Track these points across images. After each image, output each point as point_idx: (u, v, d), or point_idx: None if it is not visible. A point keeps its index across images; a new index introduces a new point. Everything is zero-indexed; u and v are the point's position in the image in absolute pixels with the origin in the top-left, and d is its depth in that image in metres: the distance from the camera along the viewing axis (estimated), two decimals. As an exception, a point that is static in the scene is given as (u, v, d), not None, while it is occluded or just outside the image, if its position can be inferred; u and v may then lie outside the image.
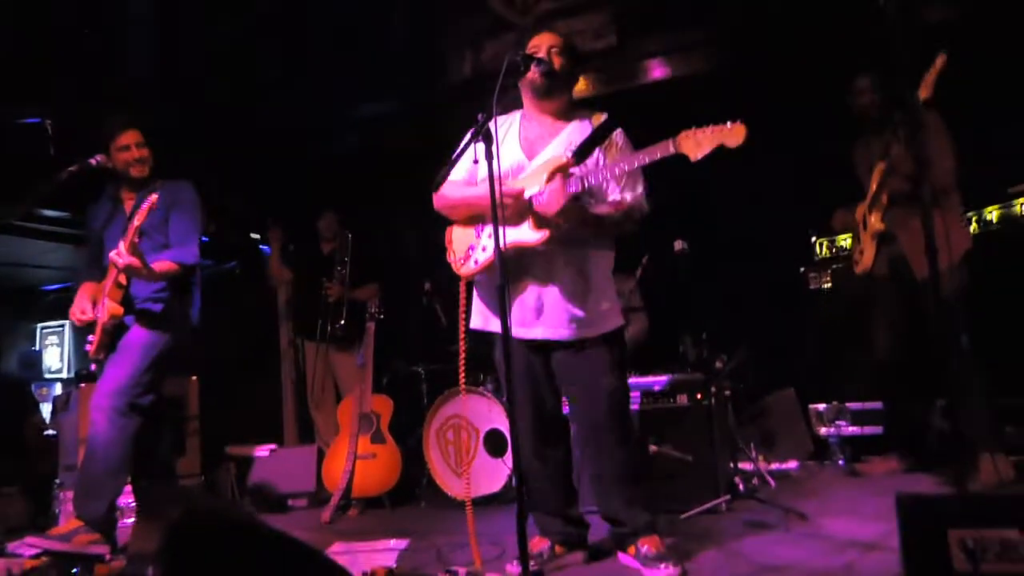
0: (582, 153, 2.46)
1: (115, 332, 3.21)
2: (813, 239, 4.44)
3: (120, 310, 3.13)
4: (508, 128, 2.66)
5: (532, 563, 2.55)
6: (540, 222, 2.42)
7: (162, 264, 3.14)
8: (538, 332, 2.53)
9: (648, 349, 4.16)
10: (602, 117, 2.60)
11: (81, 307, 3.22)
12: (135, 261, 2.94)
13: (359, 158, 5.51)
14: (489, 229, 2.49)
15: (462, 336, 2.66)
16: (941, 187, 3.29)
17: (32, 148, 3.93)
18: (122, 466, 3.12)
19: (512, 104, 2.63)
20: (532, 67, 2.48)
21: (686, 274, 3.70)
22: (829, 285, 4.37)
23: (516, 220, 2.43)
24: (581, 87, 3.51)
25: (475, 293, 2.71)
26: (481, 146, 2.18)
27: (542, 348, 2.58)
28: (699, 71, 4.77)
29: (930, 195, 3.07)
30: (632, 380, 3.42)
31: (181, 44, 4.81)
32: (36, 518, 4.14)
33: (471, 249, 2.58)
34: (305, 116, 5.27)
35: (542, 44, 2.59)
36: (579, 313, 2.50)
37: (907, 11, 2.17)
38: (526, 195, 2.42)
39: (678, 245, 3.65)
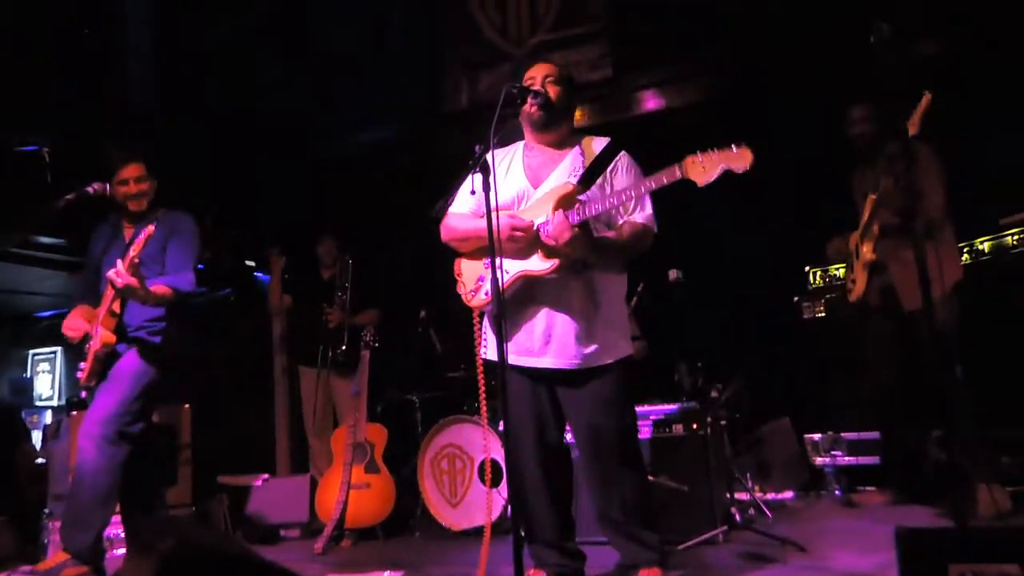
0: (587, 179, 2.48)
1: (107, 360, 3.19)
2: (807, 268, 4.47)
3: (113, 338, 3.12)
4: (511, 158, 2.68)
5: None
6: (549, 251, 2.43)
7: (158, 287, 3.14)
8: (546, 361, 2.51)
9: (644, 377, 4.15)
10: (604, 142, 2.61)
11: (74, 324, 3.23)
12: (133, 281, 2.94)
13: (356, 185, 5.54)
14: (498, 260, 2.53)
15: (480, 368, 2.65)
16: (932, 219, 3.32)
17: (29, 175, 3.95)
18: (110, 495, 3.09)
19: (509, 134, 2.65)
20: (529, 100, 2.51)
21: (681, 303, 3.71)
22: (823, 314, 4.38)
23: (528, 251, 2.46)
24: (577, 117, 3.56)
25: (486, 325, 2.69)
26: (479, 177, 2.19)
27: (548, 377, 2.56)
28: (694, 102, 4.84)
29: (923, 227, 3.10)
30: (643, 408, 3.42)
31: (179, 69, 4.86)
32: (25, 548, 4.08)
33: (480, 280, 2.59)
34: (303, 141, 5.31)
35: (537, 75, 2.61)
36: (588, 341, 2.48)
37: (898, 46, 2.21)
38: (535, 226, 2.45)
39: (672, 274, 3.67)
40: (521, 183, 2.62)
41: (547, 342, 2.50)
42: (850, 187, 3.81)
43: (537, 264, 2.46)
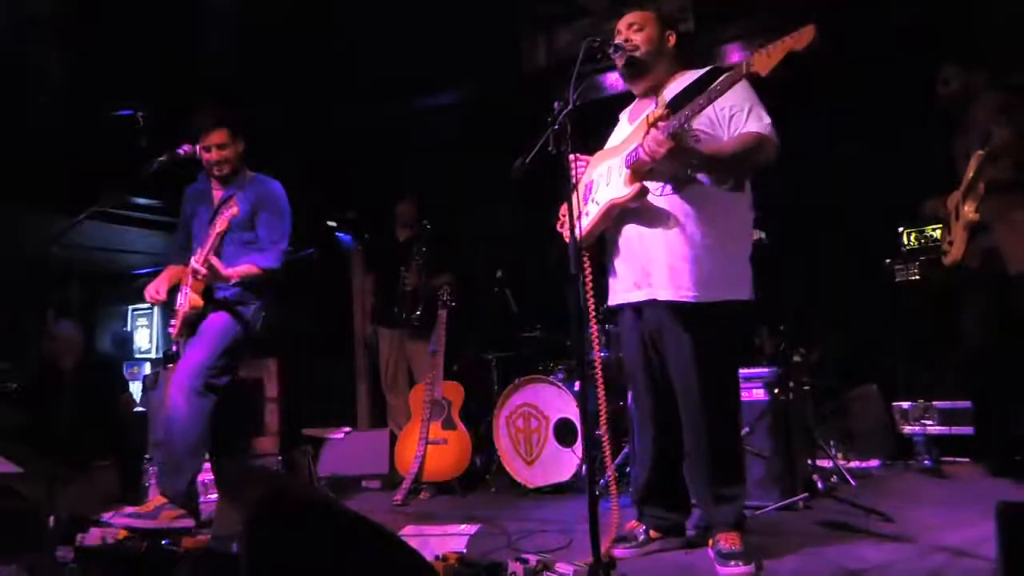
0: (679, 102, 2.34)
1: (194, 320, 3.35)
2: (900, 229, 4.25)
3: (200, 302, 3.27)
4: (624, 112, 2.73)
5: (625, 545, 2.56)
6: (637, 176, 2.39)
7: (242, 269, 3.28)
8: (642, 294, 2.45)
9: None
10: (700, 71, 2.49)
11: (156, 287, 3.39)
12: (215, 265, 3.11)
13: (433, 147, 5.55)
14: (593, 194, 2.53)
15: (592, 313, 2.47)
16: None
17: (125, 138, 4.12)
18: (200, 443, 3.25)
19: (590, 91, 2.61)
20: (615, 56, 2.48)
21: (764, 264, 3.60)
22: (917, 277, 4.18)
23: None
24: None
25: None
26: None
27: (649, 312, 2.49)
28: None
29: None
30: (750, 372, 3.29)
31: (257, 31, 4.93)
32: (127, 490, 4.36)
33: (578, 218, 2.57)
34: (380, 103, 5.34)
35: (621, 26, 2.57)
36: (694, 273, 2.35)
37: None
38: (624, 155, 2.42)
39: (755, 235, 3.55)
40: (623, 124, 2.65)
41: (648, 272, 2.43)
42: (949, 150, 3.59)
43: (620, 190, 2.41)
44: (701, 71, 2.49)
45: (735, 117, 2.39)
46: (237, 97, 4.91)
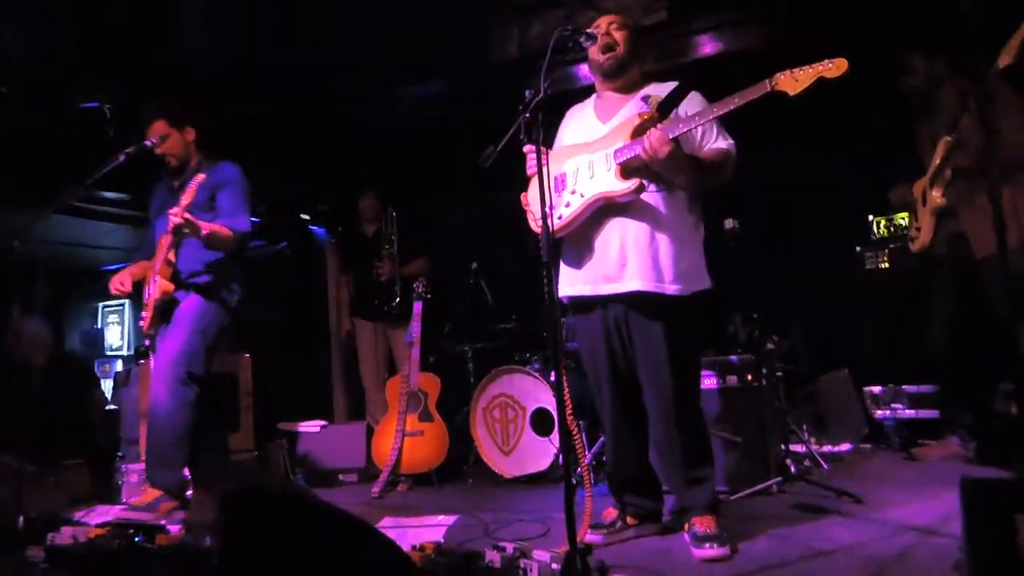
0: (664, 108, 2.47)
1: (165, 308, 3.31)
2: (871, 218, 4.31)
3: (171, 286, 3.24)
4: (585, 109, 2.75)
5: (602, 532, 2.60)
6: (628, 172, 2.43)
7: (215, 225, 3.23)
8: (625, 285, 2.47)
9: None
10: (671, 85, 2.59)
11: (121, 279, 3.36)
12: (191, 217, 3.07)
13: (404, 139, 5.52)
14: (571, 186, 2.54)
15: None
16: (1012, 161, 3.15)
17: (91, 131, 4.05)
18: (186, 433, 3.23)
19: (561, 82, 2.62)
20: (594, 50, 2.56)
21: (737, 252, 3.63)
22: (886, 265, 4.24)
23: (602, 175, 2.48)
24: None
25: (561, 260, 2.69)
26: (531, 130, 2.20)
27: (624, 303, 2.52)
28: (752, 47, 4.64)
29: (998, 169, 2.94)
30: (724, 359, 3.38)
31: (230, 23, 4.86)
32: (99, 489, 4.30)
33: (552, 208, 2.57)
34: (351, 95, 5.29)
35: (602, 23, 2.63)
36: (668, 266, 2.45)
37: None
38: (612, 151, 2.47)
39: (729, 223, 3.58)
40: (591, 121, 2.66)
41: (623, 264, 2.47)
42: (914, 138, 3.65)
43: (616, 184, 2.44)
44: (671, 84, 2.59)
45: (707, 133, 2.52)
46: (208, 89, 4.85)
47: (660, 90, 2.59)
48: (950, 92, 3.46)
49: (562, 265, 2.68)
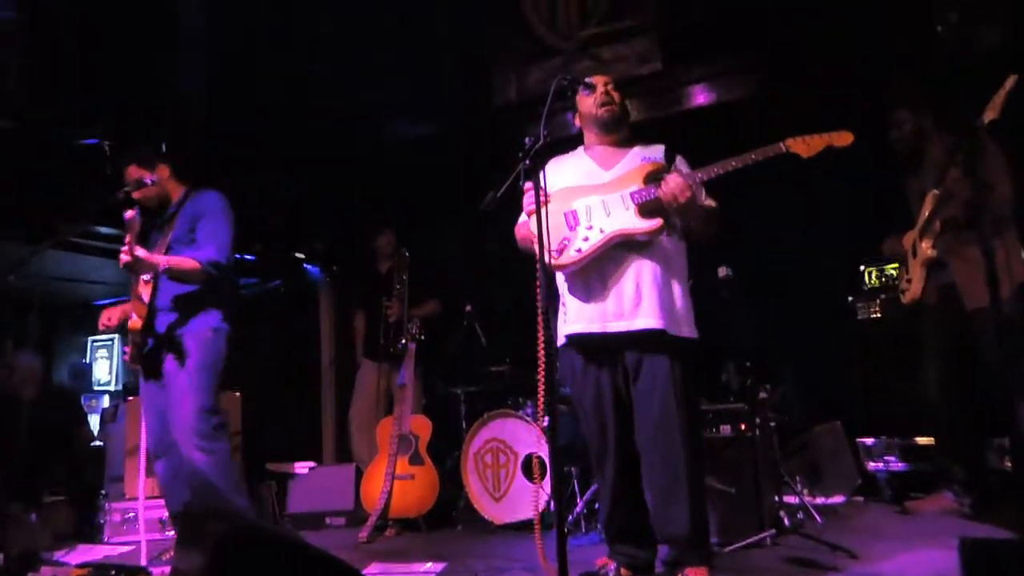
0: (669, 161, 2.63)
1: (143, 347, 3.18)
2: (862, 268, 4.35)
3: (139, 324, 3.11)
4: (577, 158, 2.79)
5: None
6: (647, 212, 2.50)
7: (174, 260, 3.10)
8: (639, 323, 2.49)
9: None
10: (660, 147, 2.71)
11: (109, 314, 3.30)
12: (141, 255, 2.93)
13: (406, 179, 5.57)
14: (588, 221, 2.56)
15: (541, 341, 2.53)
16: (1000, 214, 3.21)
17: (90, 168, 4.07)
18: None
19: (559, 129, 2.66)
20: (588, 100, 2.68)
21: (730, 300, 3.64)
22: (879, 315, 4.26)
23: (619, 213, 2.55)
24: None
25: (565, 294, 2.68)
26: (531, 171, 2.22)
27: (628, 342, 2.53)
28: (745, 96, 4.74)
29: (989, 222, 2.99)
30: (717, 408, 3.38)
31: (229, 61, 4.94)
32: (82, 527, 4.22)
33: (566, 241, 2.57)
34: (354, 135, 5.36)
35: (598, 83, 2.71)
36: (677, 306, 2.54)
37: (965, 35, 2.13)
38: (628, 193, 2.55)
39: (722, 271, 3.61)
40: (591, 168, 2.70)
41: (638, 303, 2.51)
42: (904, 190, 3.71)
43: (637, 223, 2.50)
44: (660, 147, 2.71)
45: (698, 191, 2.56)
46: (207, 124, 4.90)
47: (649, 150, 2.70)
48: (937, 146, 3.53)
49: (570, 301, 2.65)
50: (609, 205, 2.56)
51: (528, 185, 2.51)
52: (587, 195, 2.61)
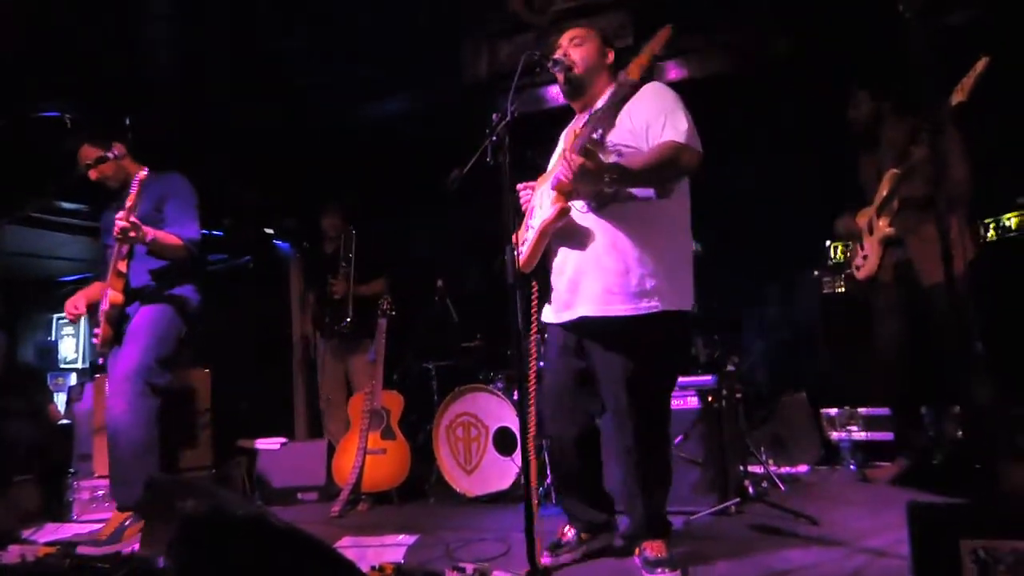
0: (600, 118, 2.27)
1: (119, 322, 3.23)
2: (828, 243, 4.42)
3: (120, 298, 3.15)
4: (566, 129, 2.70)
5: (558, 552, 2.58)
6: (564, 197, 2.40)
7: (161, 233, 3.16)
8: (577, 311, 2.43)
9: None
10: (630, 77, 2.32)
11: (75, 302, 3.28)
12: (137, 220, 2.99)
13: (373, 156, 5.52)
14: (530, 221, 2.54)
15: (534, 331, 2.66)
16: (957, 195, 3.27)
17: (51, 141, 3.97)
18: (150, 447, 3.15)
19: (530, 104, 2.64)
20: (555, 72, 2.50)
21: (699, 275, 3.68)
22: (843, 289, 4.35)
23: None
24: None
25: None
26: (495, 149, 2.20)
27: (578, 331, 2.49)
28: (717, 73, 4.75)
29: (945, 201, 3.05)
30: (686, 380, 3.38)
31: (197, 35, 4.83)
32: (50, 506, 4.19)
33: (522, 243, 2.57)
34: (321, 110, 5.29)
35: (563, 41, 2.58)
36: (612, 289, 2.35)
37: (929, 16, 2.15)
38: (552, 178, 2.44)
39: (692, 247, 3.64)
40: (560, 143, 2.65)
41: (574, 291, 2.44)
42: (859, 167, 3.77)
43: (546, 210, 2.43)
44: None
45: (651, 127, 2.37)
46: (175, 100, 4.80)
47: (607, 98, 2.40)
48: (895, 127, 3.58)
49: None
50: (544, 195, 2.50)
51: (521, 186, 2.55)
52: (544, 181, 2.58)
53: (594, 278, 2.40)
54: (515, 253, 2.12)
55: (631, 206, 2.39)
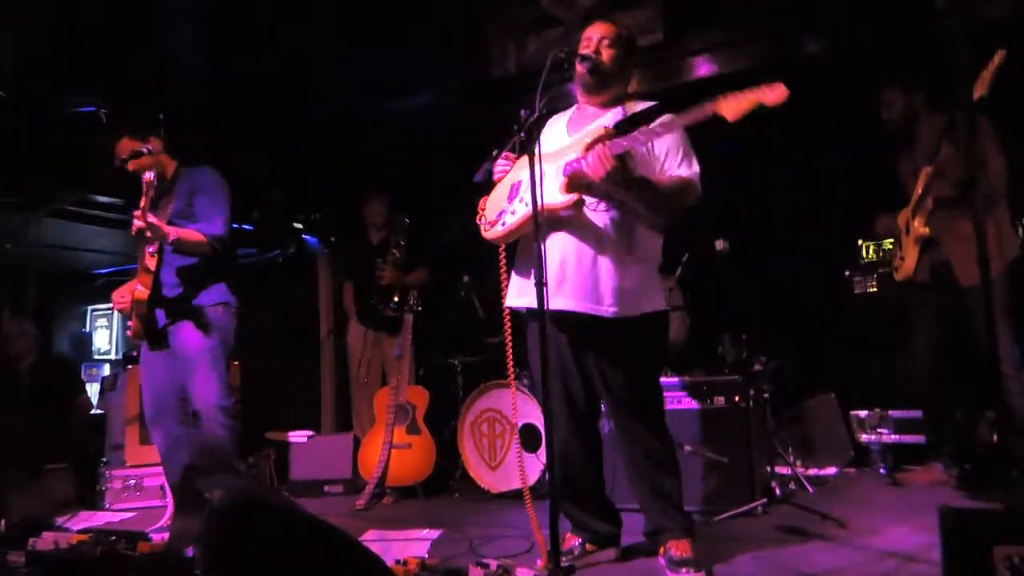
0: (624, 127, 2.33)
1: (150, 319, 3.20)
2: (860, 242, 4.35)
3: (145, 293, 3.11)
4: (562, 118, 2.66)
5: (563, 560, 2.55)
6: (571, 186, 2.37)
7: (183, 230, 3.13)
8: (559, 303, 2.39)
9: (686, 349, 4.11)
10: (649, 103, 2.50)
11: (121, 293, 3.31)
12: (154, 220, 2.97)
13: (403, 150, 5.54)
14: (519, 195, 2.48)
15: (506, 315, 2.60)
16: (993, 192, 3.21)
17: (87, 135, 4.04)
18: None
19: (556, 100, 2.61)
20: (578, 64, 2.46)
21: (727, 274, 3.66)
22: (875, 289, 4.27)
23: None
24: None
25: (513, 271, 2.63)
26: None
27: (567, 324, 2.46)
28: (747, 68, 4.69)
29: (982, 200, 2.99)
30: (685, 379, 3.40)
31: (227, 32, 4.88)
32: (83, 494, 4.28)
33: (501, 213, 2.53)
34: (352, 105, 5.32)
35: (593, 36, 2.54)
36: (603, 286, 2.37)
37: (964, 9, 2.10)
38: (563, 163, 2.39)
39: (719, 244, 3.61)
40: (561, 131, 2.58)
41: (561, 281, 2.41)
42: (896, 167, 3.71)
43: (557, 197, 2.37)
44: (649, 103, 2.50)
45: (669, 157, 2.42)
46: (204, 96, 4.86)
47: (639, 106, 2.49)
48: (928, 124, 3.51)
49: (513, 275, 2.62)
50: (546, 176, 2.40)
51: (505, 154, 2.52)
52: (547, 161, 2.49)
53: (584, 275, 2.39)
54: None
55: (629, 215, 2.44)
